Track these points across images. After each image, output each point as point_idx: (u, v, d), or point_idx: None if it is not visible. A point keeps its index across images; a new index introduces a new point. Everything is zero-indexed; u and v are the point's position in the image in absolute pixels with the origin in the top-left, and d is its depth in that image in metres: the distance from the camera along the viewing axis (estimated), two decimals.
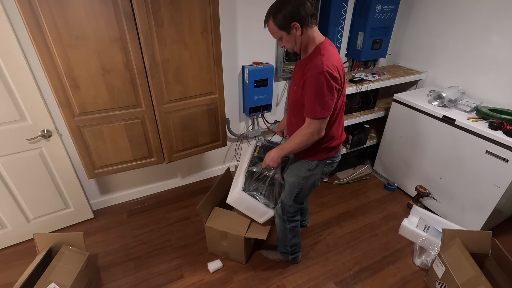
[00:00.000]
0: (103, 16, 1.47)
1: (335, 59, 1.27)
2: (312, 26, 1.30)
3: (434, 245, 1.93)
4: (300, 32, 1.27)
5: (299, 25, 1.25)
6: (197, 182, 2.78)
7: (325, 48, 1.30)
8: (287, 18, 1.24)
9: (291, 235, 1.79)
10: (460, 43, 2.33)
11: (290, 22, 1.25)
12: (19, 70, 1.65)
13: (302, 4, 1.23)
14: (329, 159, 1.54)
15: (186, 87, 1.87)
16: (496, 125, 1.86)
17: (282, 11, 1.24)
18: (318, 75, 1.23)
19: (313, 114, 1.30)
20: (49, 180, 2.02)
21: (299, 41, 1.32)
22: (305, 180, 1.57)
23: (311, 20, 1.28)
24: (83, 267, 1.61)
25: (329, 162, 1.55)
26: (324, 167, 1.55)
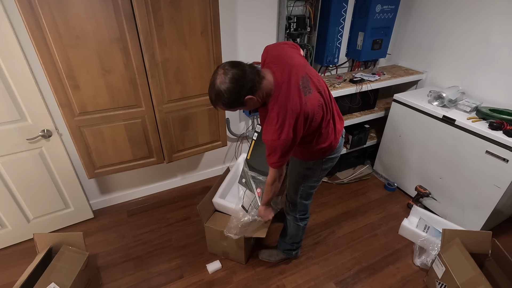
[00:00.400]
0: (103, 16, 1.47)
1: (290, 111, 1.18)
2: (261, 84, 1.18)
3: (434, 245, 1.93)
4: (255, 98, 1.19)
5: (251, 96, 1.16)
6: (197, 182, 2.78)
7: (280, 100, 1.20)
8: (235, 99, 1.15)
9: (302, 233, 1.83)
10: (460, 43, 2.33)
11: (242, 99, 1.16)
12: (19, 70, 1.65)
13: (242, 77, 1.13)
14: (326, 157, 1.52)
15: (186, 87, 1.87)
16: (496, 125, 1.86)
17: (226, 96, 1.14)
18: (272, 141, 1.22)
19: (273, 166, 1.34)
20: (49, 180, 2.02)
21: (259, 102, 1.24)
22: (306, 178, 1.58)
23: (259, 79, 1.17)
24: (83, 267, 1.61)
25: (326, 159, 1.52)
26: (323, 163, 1.53)
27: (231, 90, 1.12)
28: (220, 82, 1.13)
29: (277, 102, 1.21)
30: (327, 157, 1.52)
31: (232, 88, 1.12)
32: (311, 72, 1.31)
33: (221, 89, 1.13)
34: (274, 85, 1.22)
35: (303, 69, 1.27)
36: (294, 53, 1.33)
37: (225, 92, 1.13)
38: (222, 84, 1.13)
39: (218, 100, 1.18)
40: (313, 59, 2.50)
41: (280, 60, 1.27)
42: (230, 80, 1.12)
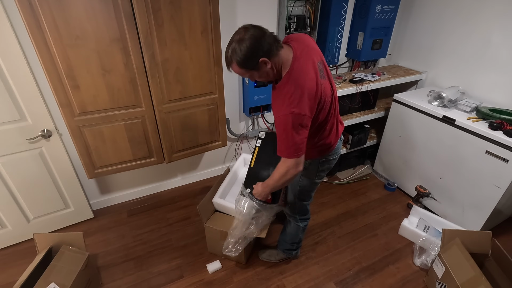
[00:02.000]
0: (103, 16, 1.47)
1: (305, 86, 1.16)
2: (279, 51, 1.18)
3: (434, 245, 1.93)
4: (270, 64, 1.17)
5: (267, 59, 1.15)
6: (197, 182, 2.78)
7: (293, 79, 1.17)
8: (251, 57, 1.13)
9: (302, 233, 1.82)
10: (460, 43, 2.33)
11: (256, 60, 1.14)
12: (19, 70, 1.65)
13: (261, 37, 1.12)
14: (323, 158, 1.48)
15: (186, 87, 1.87)
16: (496, 125, 1.86)
17: (243, 52, 1.12)
18: (286, 117, 1.16)
19: (284, 154, 1.25)
20: (49, 180, 2.02)
21: (272, 73, 1.22)
22: (302, 178, 1.55)
23: (276, 46, 1.16)
24: (83, 267, 1.61)
25: (324, 160, 1.49)
26: (319, 164, 1.50)
27: (248, 47, 1.11)
28: (238, 38, 1.13)
29: (292, 75, 1.18)
30: (324, 158, 1.49)
31: (249, 45, 1.11)
32: (326, 63, 1.32)
33: (238, 45, 1.12)
34: (292, 57, 1.20)
35: (320, 56, 1.29)
36: (313, 41, 1.33)
37: (242, 48, 1.12)
38: (241, 40, 1.12)
39: (233, 57, 1.16)
40: None
41: (300, 40, 1.27)
42: (249, 37, 1.11)
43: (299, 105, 1.15)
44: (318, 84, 1.20)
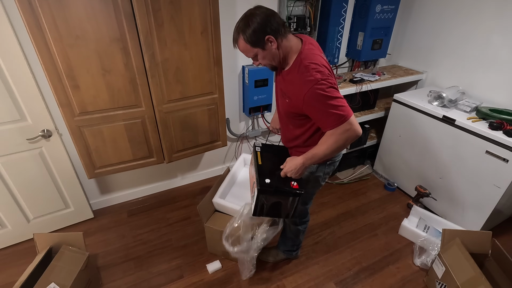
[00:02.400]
0: (103, 16, 1.47)
1: (319, 62, 1.17)
2: (287, 35, 1.20)
3: (434, 245, 1.93)
4: (276, 45, 1.17)
5: (273, 37, 1.15)
6: (197, 182, 2.78)
7: (306, 56, 1.19)
8: (258, 32, 1.14)
9: (302, 235, 1.82)
10: (460, 43, 2.33)
11: (263, 36, 1.15)
12: (19, 70, 1.65)
13: (271, 15, 1.14)
14: (329, 160, 1.46)
15: (186, 87, 1.87)
16: (496, 125, 1.86)
17: (251, 26, 1.13)
18: (315, 89, 1.12)
19: (334, 124, 1.16)
20: (49, 180, 2.02)
21: (277, 55, 1.21)
22: (308, 182, 1.51)
23: (284, 29, 1.18)
24: (83, 267, 1.61)
25: (329, 163, 1.47)
26: (326, 167, 1.48)
27: (258, 21, 1.13)
28: (249, 13, 1.15)
29: (303, 55, 1.18)
30: (331, 160, 1.45)
31: (259, 20, 1.13)
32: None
33: (248, 19, 1.14)
34: (302, 44, 1.22)
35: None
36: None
37: (251, 23, 1.13)
38: (251, 15, 1.14)
39: (240, 31, 1.17)
40: None
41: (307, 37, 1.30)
42: (260, 13, 1.14)
43: (321, 73, 1.13)
44: (330, 69, 1.22)
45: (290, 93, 1.26)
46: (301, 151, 1.32)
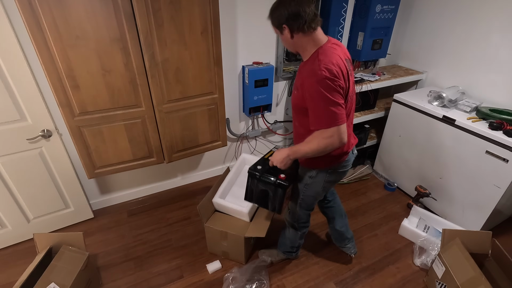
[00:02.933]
0: (103, 16, 1.47)
1: (335, 61, 1.17)
2: (310, 31, 1.22)
3: (434, 245, 1.93)
4: (290, 35, 1.23)
5: (288, 28, 1.21)
6: (197, 182, 2.78)
7: (324, 52, 1.20)
8: (278, 18, 1.22)
9: (301, 239, 1.82)
10: (460, 43, 2.33)
11: (281, 24, 1.22)
12: (19, 70, 1.65)
13: (298, 8, 1.16)
14: (331, 168, 1.42)
15: (186, 87, 1.87)
16: (496, 125, 1.86)
17: (276, 11, 1.22)
18: (317, 85, 1.13)
19: (322, 124, 1.18)
20: (49, 180, 2.02)
21: (291, 44, 1.28)
22: (307, 187, 1.50)
23: (309, 25, 1.19)
24: (83, 267, 1.61)
25: (331, 171, 1.43)
26: (327, 176, 1.44)
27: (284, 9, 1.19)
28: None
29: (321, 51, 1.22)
30: (333, 168, 1.42)
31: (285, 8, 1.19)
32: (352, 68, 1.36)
33: (280, 2, 1.22)
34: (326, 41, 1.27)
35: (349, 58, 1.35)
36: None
37: (279, 8, 1.21)
38: (285, 1, 1.20)
39: (271, 9, 1.26)
40: None
41: (337, 41, 1.36)
42: (293, 3, 1.18)
43: (330, 71, 1.14)
44: (347, 69, 1.24)
45: (298, 83, 1.30)
46: None
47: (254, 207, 1.89)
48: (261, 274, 1.82)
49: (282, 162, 1.37)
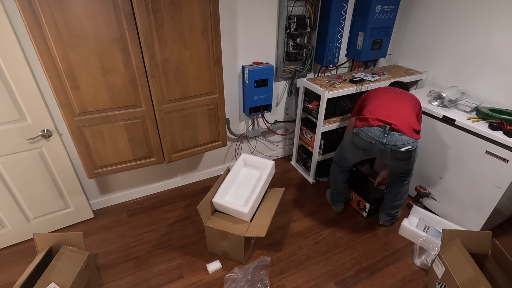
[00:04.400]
0: (103, 16, 1.47)
1: (373, 90, 2.07)
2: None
3: (434, 245, 1.93)
4: None
5: None
6: (197, 182, 2.78)
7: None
8: None
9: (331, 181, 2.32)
10: (460, 43, 2.33)
11: None
12: (19, 70, 1.65)
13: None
14: (355, 129, 1.86)
15: (186, 87, 1.87)
16: (496, 125, 1.86)
17: None
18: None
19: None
20: (49, 180, 2.02)
21: None
22: (341, 143, 2.13)
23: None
24: (83, 267, 1.61)
25: (355, 132, 1.86)
26: (352, 136, 1.89)
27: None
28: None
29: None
30: (356, 129, 1.85)
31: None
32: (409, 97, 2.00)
33: None
34: None
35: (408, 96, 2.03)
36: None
37: None
38: None
39: None
40: (313, 59, 2.50)
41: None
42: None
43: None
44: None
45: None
46: None
47: (254, 207, 1.89)
48: (261, 274, 1.82)
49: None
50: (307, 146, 2.71)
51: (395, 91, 2.01)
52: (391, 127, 1.75)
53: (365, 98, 2.08)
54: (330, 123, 2.46)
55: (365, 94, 2.11)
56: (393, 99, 1.92)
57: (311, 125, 2.57)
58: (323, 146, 2.57)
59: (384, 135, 1.76)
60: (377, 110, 1.85)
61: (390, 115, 1.79)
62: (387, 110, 1.83)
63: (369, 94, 2.06)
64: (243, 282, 1.76)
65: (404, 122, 1.78)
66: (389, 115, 1.79)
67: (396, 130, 1.75)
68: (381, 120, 1.78)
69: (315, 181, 2.76)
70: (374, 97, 1.98)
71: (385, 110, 1.83)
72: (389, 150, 1.77)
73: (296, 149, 2.91)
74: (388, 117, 1.78)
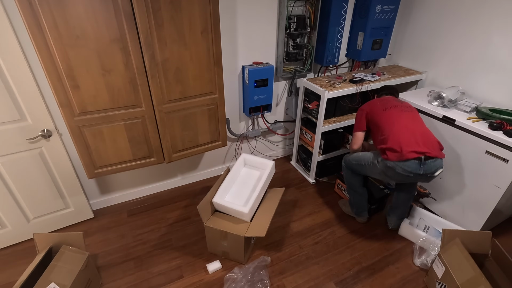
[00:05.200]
0: (103, 16, 1.47)
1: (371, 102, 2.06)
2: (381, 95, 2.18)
3: (434, 245, 1.93)
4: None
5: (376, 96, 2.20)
6: (197, 182, 2.78)
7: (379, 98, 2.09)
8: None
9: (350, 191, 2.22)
10: (460, 43, 2.33)
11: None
12: (19, 70, 1.65)
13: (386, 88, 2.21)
14: (390, 163, 1.77)
15: (186, 87, 1.87)
16: (496, 125, 1.86)
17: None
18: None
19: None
20: (49, 180, 2.02)
21: None
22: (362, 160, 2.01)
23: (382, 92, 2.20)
24: (83, 267, 1.61)
25: (390, 166, 1.77)
26: (385, 168, 1.81)
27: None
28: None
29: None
30: (390, 165, 1.78)
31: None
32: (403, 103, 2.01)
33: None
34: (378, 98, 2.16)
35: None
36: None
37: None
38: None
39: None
40: (313, 59, 2.50)
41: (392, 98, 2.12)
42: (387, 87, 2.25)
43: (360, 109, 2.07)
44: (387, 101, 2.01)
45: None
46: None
47: (254, 207, 1.89)
48: (261, 274, 1.82)
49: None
50: (307, 146, 2.71)
51: (399, 105, 1.94)
52: (426, 156, 1.71)
53: (371, 115, 1.97)
54: (330, 123, 2.46)
55: (368, 109, 2.00)
56: (408, 118, 1.86)
57: (311, 125, 2.57)
58: (323, 146, 2.57)
59: (420, 166, 1.72)
60: (403, 138, 1.75)
61: (419, 142, 1.74)
62: (414, 135, 1.76)
63: (377, 113, 1.94)
64: (243, 282, 1.76)
65: (433, 144, 1.76)
66: (418, 142, 1.74)
67: (430, 157, 1.71)
68: (415, 151, 1.71)
69: (315, 181, 2.76)
70: (388, 119, 1.87)
71: (412, 136, 1.76)
72: (424, 177, 1.77)
73: (296, 149, 2.91)
74: (418, 145, 1.73)
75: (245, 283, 1.76)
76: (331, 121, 2.49)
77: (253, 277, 1.80)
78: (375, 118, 1.95)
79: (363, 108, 2.05)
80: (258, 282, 1.78)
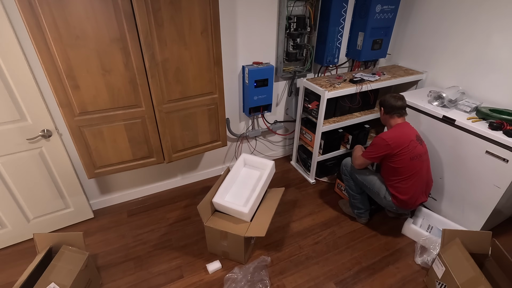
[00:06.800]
0: (103, 16, 1.47)
1: (396, 135, 1.89)
2: (393, 116, 1.97)
3: (436, 244, 1.93)
4: (382, 113, 2.03)
5: (383, 109, 2.02)
6: (197, 182, 2.78)
7: (393, 129, 1.95)
8: (380, 101, 2.05)
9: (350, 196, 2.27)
10: (460, 43, 2.33)
11: (380, 105, 2.05)
12: (19, 70, 1.65)
13: (394, 102, 1.94)
14: (396, 208, 2.02)
15: (186, 87, 1.87)
16: (496, 125, 1.86)
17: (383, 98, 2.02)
18: (376, 138, 1.95)
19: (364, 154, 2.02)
20: (49, 180, 2.02)
21: (382, 118, 2.09)
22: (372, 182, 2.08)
23: (393, 112, 1.96)
24: (83, 267, 1.61)
25: (396, 208, 2.03)
26: (389, 205, 2.03)
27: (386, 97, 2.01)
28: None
29: (390, 130, 2.01)
30: (396, 208, 2.05)
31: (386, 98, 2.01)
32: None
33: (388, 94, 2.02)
34: (391, 127, 2.01)
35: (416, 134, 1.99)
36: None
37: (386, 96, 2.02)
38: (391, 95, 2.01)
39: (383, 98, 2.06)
40: (313, 59, 2.50)
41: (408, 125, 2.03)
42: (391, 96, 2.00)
43: (386, 138, 1.89)
44: (409, 141, 1.89)
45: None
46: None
47: (254, 207, 1.89)
48: (261, 274, 1.82)
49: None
50: (307, 146, 2.71)
51: (423, 153, 1.93)
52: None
53: (395, 157, 1.88)
54: (330, 123, 2.46)
55: (394, 146, 1.85)
56: (425, 168, 1.96)
57: (311, 125, 2.57)
58: (323, 146, 2.57)
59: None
60: (415, 192, 1.94)
61: (423, 191, 2.00)
62: (423, 185, 1.97)
63: (403, 159, 1.87)
64: (243, 282, 1.76)
65: (429, 190, 2.08)
66: (423, 192, 2.00)
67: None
68: (418, 203, 2.01)
69: (315, 181, 2.76)
70: (411, 170, 1.88)
71: (422, 187, 1.98)
72: None
73: (296, 149, 2.91)
74: (422, 195, 2.00)
75: (245, 283, 1.76)
76: (331, 121, 2.49)
77: (253, 277, 1.80)
78: (397, 162, 1.89)
79: (388, 142, 1.85)
80: (258, 282, 1.78)
